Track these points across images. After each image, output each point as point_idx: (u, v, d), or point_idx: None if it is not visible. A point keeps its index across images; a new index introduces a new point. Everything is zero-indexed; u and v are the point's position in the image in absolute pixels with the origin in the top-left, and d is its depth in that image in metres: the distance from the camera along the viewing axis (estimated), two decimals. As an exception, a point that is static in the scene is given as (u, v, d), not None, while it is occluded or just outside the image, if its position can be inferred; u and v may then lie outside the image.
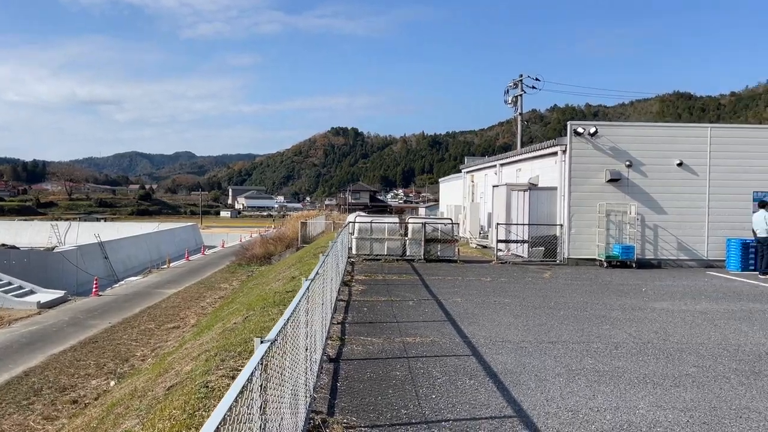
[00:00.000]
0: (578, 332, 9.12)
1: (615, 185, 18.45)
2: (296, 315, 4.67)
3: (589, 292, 13.24)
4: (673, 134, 19.24)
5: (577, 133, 18.49)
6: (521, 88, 34.98)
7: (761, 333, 9.30)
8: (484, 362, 7.32)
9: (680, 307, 11.49)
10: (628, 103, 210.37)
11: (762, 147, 18.73)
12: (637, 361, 7.53)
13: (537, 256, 19.18)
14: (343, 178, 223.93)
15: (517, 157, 24.90)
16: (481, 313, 10.51)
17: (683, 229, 18.60)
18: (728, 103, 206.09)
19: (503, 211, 22.00)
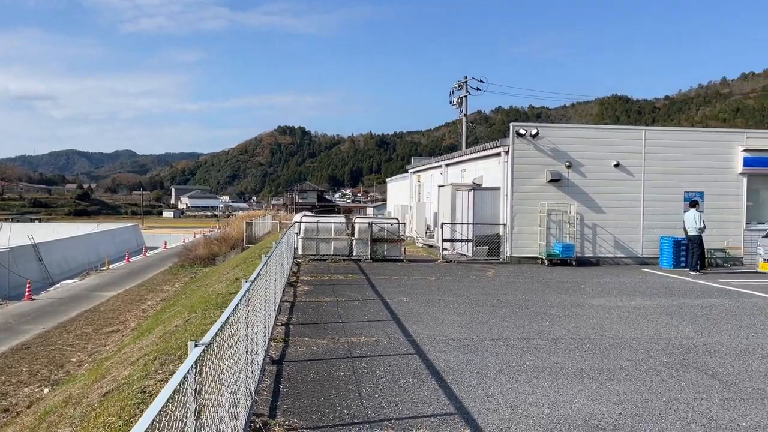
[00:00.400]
0: (519, 329, 9.33)
1: (555, 185, 18.94)
2: (235, 317, 4.60)
3: (531, 290, 13.55)
4: (610, 136, 19.91)
5: (519, 135, 18.90)
6: (466, 89, 35.50)
7: (690, 327, 9.73)
8: (427, 360, 7.39)
9: (616, 304, 11.89)
10: (570, 106, 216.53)
11: (693, 149, 19.60)
12: (575, 356, 7.75)
13: (481, 255, 19.51)
14: (290, 178, 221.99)
15: (462, 158, 25.26)
16: (426, 312, 10.61)
17: (620, 227, 19.27)
18: (663, 106, 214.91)
19: (448, 211, 22.28)
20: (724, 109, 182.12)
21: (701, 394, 6.24)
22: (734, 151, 19.52)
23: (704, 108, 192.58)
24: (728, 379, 6.81)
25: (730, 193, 19.52)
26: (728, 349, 8.23)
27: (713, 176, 19.47)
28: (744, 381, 6.76)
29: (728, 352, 8.10)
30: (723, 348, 8.31)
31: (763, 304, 12.18)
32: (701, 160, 19.49)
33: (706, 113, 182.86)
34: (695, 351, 8.12)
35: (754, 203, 19.77)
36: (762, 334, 9.24)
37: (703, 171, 19.46)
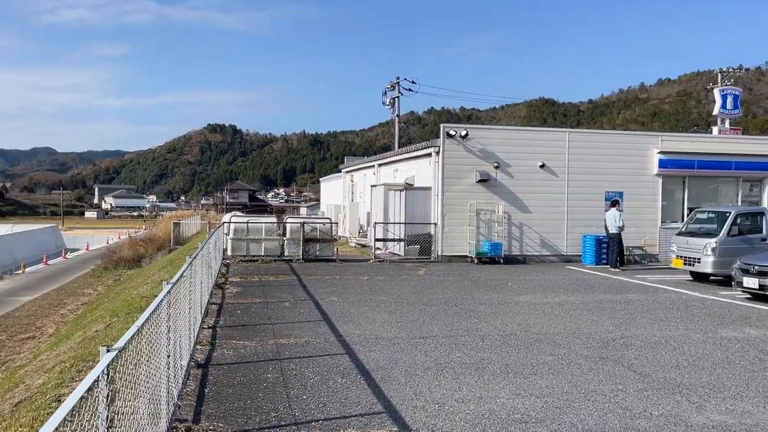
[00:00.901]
0: (448, 327, 9.47)
1: (484, 185, 19.37)
2: (156, 320, 4.45)
3: (460, 288, 13.80)
4: (536, 138, 20.54)
5: (449, 136, 19.21)
6: (398, 90, 35.78)
7: (609, 321, 10.16)
8: (357, 360, 7.39)
9: (541, 300, 12.28)
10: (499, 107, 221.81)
11: (613, 150, 20.49)
12: (501, 352, 7.94)
13: (413, 254, 19.70)
14: (220, 177, 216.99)
15: (394, 158, 25.44)
16: (357, 312, 10.61)
17: (545, 226, 19.91)
18: (587, 109, 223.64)
19: (381, 211, 22.38)
20: (642, 113, 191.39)
21: (618, 386, 6.53)
22: (651, 153, 20.55)
23: (625, 112, 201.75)
24: (643, 371, 7.15)
25: (647, 193, 20.53)
26: (643, 342, 8.65)
27: (632, 177, 20.43)
28: (657, 372, 7.12)
29: (643, 344, 8.51)
30: (638, 341, 8.73)
31: (675, 298, 12.87)
32: (621, 162, 20.40)
33: (627, 117, 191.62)
34: (613, 344, 8.49)
35: (669, 203, 20.88)
36: (674, 327, 9.76)
37: (622, 172, 20.38)
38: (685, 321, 10.28)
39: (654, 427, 5.32)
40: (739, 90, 26.04)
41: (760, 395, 6.27)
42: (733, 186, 21.36)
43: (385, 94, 36.64)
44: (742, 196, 21.27)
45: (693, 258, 15.47)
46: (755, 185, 21.48)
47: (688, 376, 6.93)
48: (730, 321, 10.36)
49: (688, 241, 15.82)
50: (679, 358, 7.74)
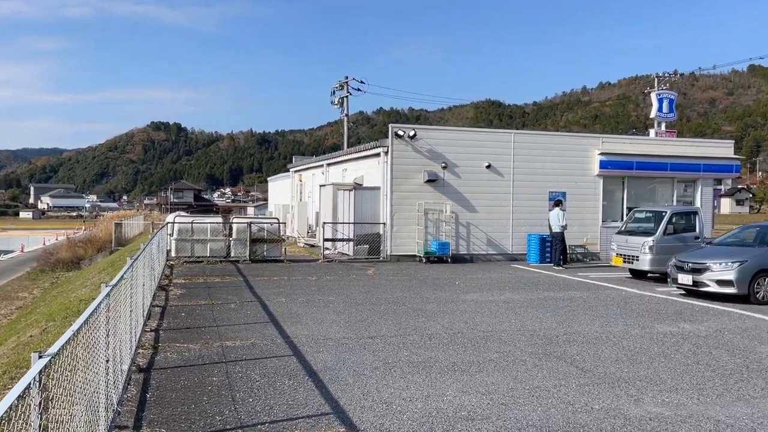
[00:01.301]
0: (396, 326, 9.51)
1: (432, 185, 19.55)
2: (93, 324, 4.29)
3: (409, 287, 13.88)
4: (482, 138, 20.86)
5: (397, 136, 19.30)
6: (347, 90, 35.72)
7: (553, 318, 10.41)
8: (304, 361, 7.33)
9: (488, 298, 12.48)
10: (447, 109, 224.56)
11: (556, 151, 21.02)
12: (448, 350, 8.03)
13: (362, 254, 19.71)
14: (164, 176, 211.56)
15: (343, 158, 25.38)
16: (305, 313, 10.53)
17: (491, 226, 20.25)
18: (531, 111, 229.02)
19: (330, 211, 22.29)
20: (584, 116, 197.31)
21: (561, 381, 6.69)
22: (592, 155, 21.18)
23: (568, 114, 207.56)
24: (584, 366, 7.36)
25: (588, 193, 21.16)
26: (585, 338, 8.90)
27: (574, 177, 21.01)
28: (598, 367, 7.34)
29: (585, 340, 8.76)
30: (581, 337, 8.97)
31: (615, 295, 13.30)
32: (564, 162, 20.95)
33: (569, 119, 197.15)
34: (557, 341, 8.70)
35: (609, 202, 21.57)
36: (614, 323, 10.08)
37: (565, 172, 20.94)
38: (624, 317, 10.64)
39: (594, 421, 5.47)
40: (675, 94, 27.10)
41: (694, 387, 6.54)
42: (668, 186, 22.25)
43: (334, 93, 36.55)
44: (677, 196, 22.18)
45: (632, 256, 16.03)
46: (689, 186, 22.43)
47: (626, 370, 7.17)
48: (666, 316, 10.78)
49: (627, 239, 16.39)
50: (619, 353, 7.99)
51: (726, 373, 7.14)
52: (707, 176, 22.45)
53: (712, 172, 22.53)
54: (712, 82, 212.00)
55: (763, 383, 6.73)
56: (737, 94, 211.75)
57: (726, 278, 12.31)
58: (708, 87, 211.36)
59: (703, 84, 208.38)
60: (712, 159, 22.37)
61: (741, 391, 6.45)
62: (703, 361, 7.68)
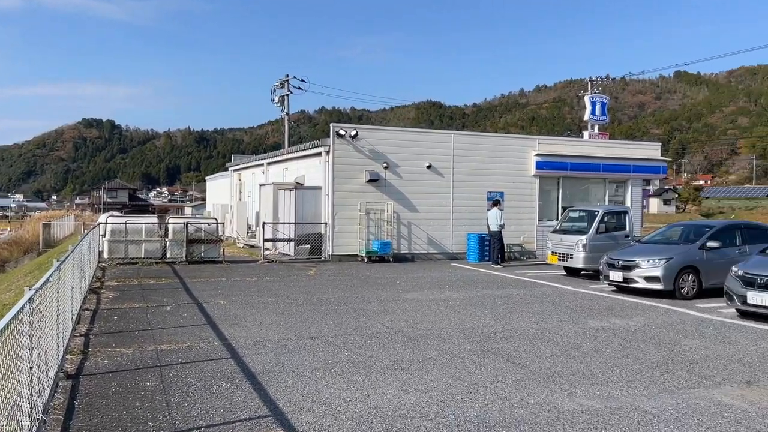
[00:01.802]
0: (337, 326, 9.48)
1: (374, 185, 19.59)
2: (16, 330, 4.08)
3: (350, 287, 13.86)
4: (423, 139, 21.07)
5: (339, 135, 19.25)
6: (288, 88, 35.35)
7: (491, 316, 10.62)
8: (242, 364, 7.20)
9: (428, 297, 12.60)
10: (389, 109, 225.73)
11: (495, 152, 21.45)
12: (389, 349, 8.06)
13: (303, 254, 19.55)
14: (97, 175, 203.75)
15: (284, 157, 25.11)
16: (244, 314, 10.36)
17: (432, 225, 20.48)
18: (471, 112, 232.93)
19: (270, 210, 22.02)
20: (522, 117, 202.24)
21: (498, 377, 6.83)
22: (529, 156, 21.73)
23: (506, 116, 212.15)
24: (521, 362, 7.53)
25: (525, 193, 21.69)
26: (522, 334, 9.11)
27: (512, 178, 21.50)
28: (533, 362, 7.52)
29: (521, 336, 8.97)
30: (517, 333, 9.18)
31: (550, 292, 13.68)
32: (502, 163, 21.41)
33: (508, 120, 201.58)
34: (494, 337, 8.87)
35: (545, 202, 22.19)
36: (549, 319, 10.37)
37: (503, 173, 21.40)
38: (559, 313, 10.96)
39: (530, 415, 5.61)
40: (607, 98, 28.15)
41: (623, 380, 6.80)
42: (601, 186, 23.08)
43: (274, 91, 36.10)
44: (609, 195, 23.03)
45: (566, 254, 16.54)
46: (620, 186, 23.33)
47: (561, 365, 7.38)
48: (598, 312, 11.17)
49: (562, 238, 16.90)
50: (554, 349, 8.22)
51: (653, 365, 7.45)
52: (637, 177, 23.42)
53: (641, 173, 23.52)
54: (641, 87, 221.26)
55: (686, 375, 7.07)
56: (664, 98, 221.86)
57: (653, 275, 12.86)
58: (637, 91, 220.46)
59: (633, 88, 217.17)
60: (641, 160, 23.35)
61: (666, 382, 6.74)
62: (632, 354, 7.99)
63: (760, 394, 6.37)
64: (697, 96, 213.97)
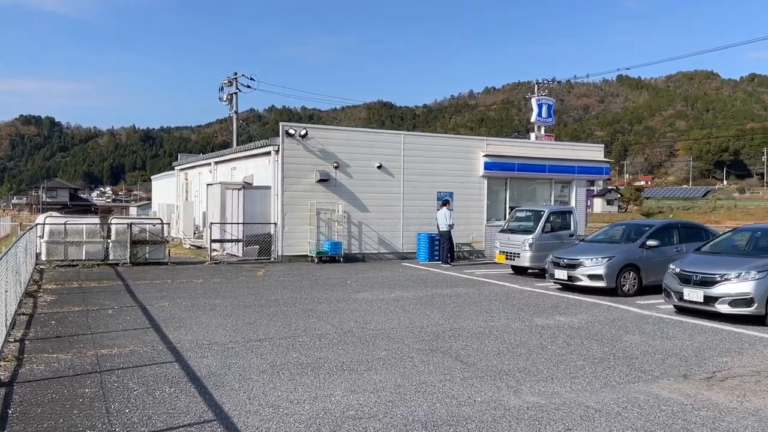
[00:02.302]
0: (286, 327, 9.37)
1: (324, 185, 19.49)
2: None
3: (300, 288, 13.74)
4: (374, 139, 21.08)
5: (288, 135, 19.07)
6: (236, 86, 34.79)
7: (440, 315, 10.70)
8: (187, 367, 7.03)
9: (378, 297, 12.61)
10: (340, 109, 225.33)
11: (445, 153, 21.66)
12: (338, 350, 8.01)
13: (252, 255, 19.28)
14: (36, 174, 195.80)
15: (232, 156, 24.70)
16: (190, 317, 10.12)
17: (383, 225, 20.53)
18: (422, 113, 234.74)
19: (218, 210, 21.63)
20: (471, 119, 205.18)
21: (446, 376, 6.88)
22: (477, 156, 22.03)
23: (456, 117, 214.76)
24: (468, 360, 7.61)
25: (474, 194, 21.99)
26: (470, 333, 9.22)
27: (461, 178, 21.76)
28: (481, 360, 7.62)
29: (470, 335, 9.07)
30: (466, 332, 9.28)
31: (498, 291, 13.90)
32: (452, 164, 21.64)
33: (457, 121, 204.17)
34: (443, 336, 8.94)
35: (493, 202, 22.55)
36: (497, 317, 10.53)
37: (453, 173, 21.63)
38: (506, 311, 11.14)
39: (477, 413, 5.67)
40: (553, 100, 28.81)
41: (567, 376, 6.96)
42: (547, 187, 23.60)
43: (222, 89, 35.46)
44: (555, 196, 23.58)
45: (513, 253, 16.84)
46: (565, 186, 23.91)
47: (507, 363, 7.50)
48: (543, 309, 11.41)
49: (509, 237, 17.20)
50: (501, 346, 8.35)
51: (596, 361, 7.66)
52: (581, 178, 24.06)
53: (585, 174, 24.18)
54: (586, 90, 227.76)
55: (627, 369, 7.29)
56: (608, 101, 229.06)
57: (596, 273, 13.23)
58: (582, 94, 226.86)
59: (578, 92, 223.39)
60: (586, 162, 23.99)
61: (608, 377, 6.94)
62: (576, 351, 8.19)
63: (696, 387, 6.63)
64: (638, 100, 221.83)
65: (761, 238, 11.69)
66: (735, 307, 10.09)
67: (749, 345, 8.68)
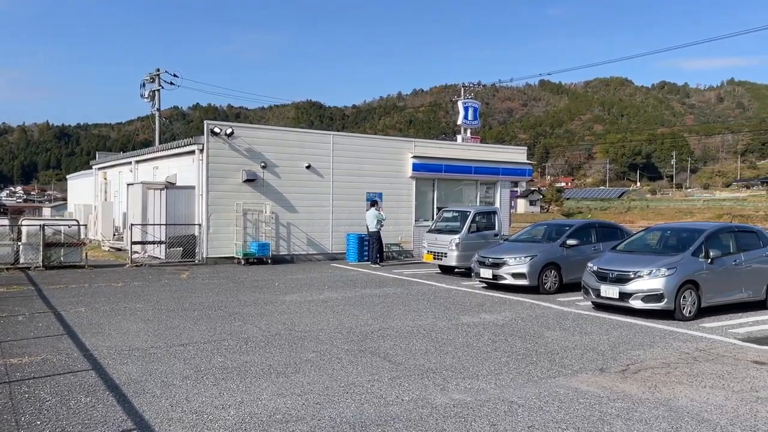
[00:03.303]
0: (210, 331, 9.14)
1: (251, 185, 19.15)
2: None
3: (226, 290, 13.43)
4: (302, 139, 20.90)
5: (214, 133, 18.61)
6: (159, 83, 33.64)
7: (369, 315, 10.73)
8: (105, 375, 6.73)
9: (306, 298, 12.51)
10: (268, 108, 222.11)
11: (373, 153, 21.75)
12: (265, 353, 7.89)
13: (175, 257, 18.70)
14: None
15: (154, 155, 23.87)
16: (108, 322, 9.70)
17: (312, 226, 20.38)
18: (351, 114, 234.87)
19: (139, 211, 20.84)
20: (400, 120, 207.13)
21: (374, 376, 6.90)
22: (406, 158, 22.26)
23: (385, 118, 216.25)
24: (397, 359, 7.67)
25: (402, 194, 22.20)
26: (398, 332, 9.29)
27: (390, 179, 21.91)
28: (409, 359, 7.69)
29: (398, 334, 9.14)
30: (394, 331, 9.35)
31: (426, 290, 14.09)
32: (380, 165, 21.75)
33: (386, 123, 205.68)
34: (372, 336, 8.97)
35: (421, 203, 22.83)
36: (424, 317, 10.67)
37: (382, 174, 21.75)
38: (433, 310, 11.30)
39: (404, 412, 5.72)
40: (478, 103, 29.48)
41: (492, 373, 7.14)
42: (473, 188, 24.14)
43: (144, 86, 34.19)
44: (481, 196, 24.15)
45: (441, 253, 17.12)
46: (490, 187, 24.53)
47: (434, 361, 7.61)
48: (469, 308, 11.65)
49: (437, 237, 17.48)
50: (428, 345, 8.46)
51: (519, 357, 7.89)
52: (505, 179, 24.75)
53: (509, 176, 24.89)
54: (510, 94, 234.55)
55: (548, 365, 7.55)
56: (530, 105, 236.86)
57: (520, 271, 13.65)
58: (506, 98, 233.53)
59: (503, 95, 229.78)
60: (510, 164, 24.70)
61: (531, 373, 7.16)
62: (500, 347, 8.41)
63: (612, 380, 6.95)
64: (559, 104, 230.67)
65: (670, 237, 12.40)
66: (647, 303, 10.65)
67: (660, 338, 9.19)
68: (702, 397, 6.30)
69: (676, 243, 11.91)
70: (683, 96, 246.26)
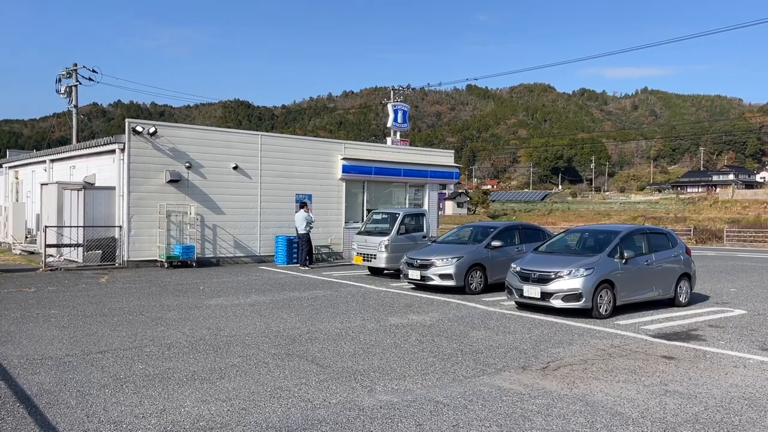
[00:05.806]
0: (131, 338, 8.81)
1: (175, 186, 18.60)
2: None
3: (148, 295, 12.98)
4: (229, 139, 20.48)
5: (136, 132, 17.96)
6: (76, 78, 32.11)
7: (297, 318, 10.65)
8: (15, 386, 6.37)
9: (233, 302, 12.27)
10: (194, 106, 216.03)
11: (303, 155, 21.59)
12: (188, 359, 7.68)
13: (94, 261, 17.90)
14: None
15: (71, 153, 22.77)
16: (19, 330, 9.17)
17: (239, 228, 20.01)
18: (281, 114, 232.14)
19: (54, 212, 19.82)
20: (330, 122, 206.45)
21: (302, 380, 6.86)
22: (336, 159, 22.23)
23: (315, 119, 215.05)
24: (324, 362, 7.65)
25: (332, 196, 22.16)
26: (326, 335, 9.26)
27: (320, 181, 21.82)
28: (337, 362, 7.69)
29: (326, 337, 9.12)
30: (322, 334, 9.32)
31: (355, 292, 14.12)
32: (310, 166, 21.63)
33: (317, 124, 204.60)
34: (300, 340, 8.91)
35: (351, 205, 22.86)
36: (353, 318, 10.68)
37: (311, 176, 21.63)
38: (362, 312, 11.34)
39: (332, 415, 5.71)
40: (408, 106, 29.82)
41: (419, 374, 7.24)
42: (403, 190, 24.40)
43: (60, 81, 32.55)
44: (410, 199, 24.44)
45: (370, 254, 17.19)
46: (419, 190, 24.87)
47: (362, 363, 7.64)
48: (398, 309, 11.77)
49: (366, 239, 17.54)
50: (356, 347, 8.48)
51: (445, 357, 8.04)
52: (434, 181, 25.16)
53: (437, 178, 25.32)
54: (438, 98, 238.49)
55: (473, 364, 7.73)
56: (458, 109, 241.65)
57: (447, 272, 13.90)
58: (435, 102, 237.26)
59: (432, 99, 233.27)
60: (438, 166, 25.13)
61: (456, 372, 7.31)
62: (427, 348, 8.54)
63: (533, 377, 7.19)
64: (486, 108, 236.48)
65: (588, 238, 12.96)
66: (567, 302, 11.09)
67: (578, 336, 9.59)
68: (616, 392, 6.63)
69: (594, 244, 12.46)
70: (601, 103, 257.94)
